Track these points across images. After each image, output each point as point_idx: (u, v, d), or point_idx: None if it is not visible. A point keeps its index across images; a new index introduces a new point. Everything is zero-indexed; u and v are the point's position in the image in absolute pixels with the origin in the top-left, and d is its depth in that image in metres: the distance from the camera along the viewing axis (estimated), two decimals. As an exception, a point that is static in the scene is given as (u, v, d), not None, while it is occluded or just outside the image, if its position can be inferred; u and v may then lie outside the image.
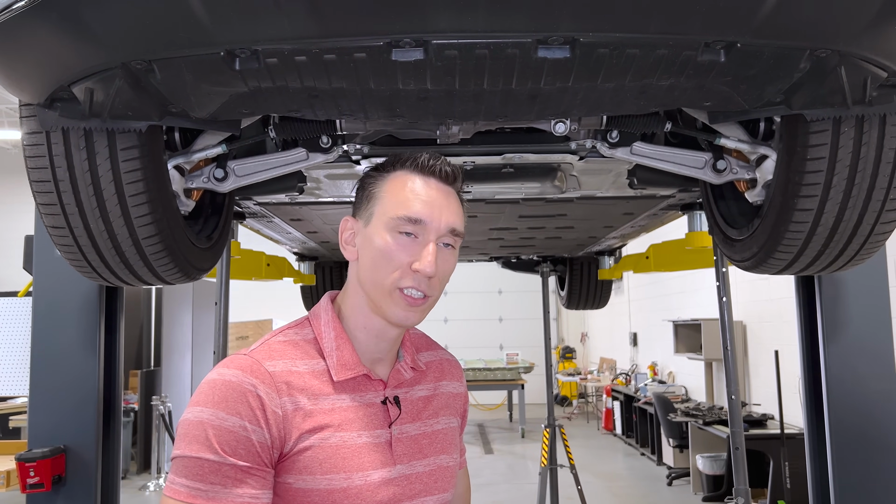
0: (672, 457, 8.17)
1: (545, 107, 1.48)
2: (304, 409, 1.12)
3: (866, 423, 2.84)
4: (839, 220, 1.72)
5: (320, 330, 1.21)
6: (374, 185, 1.23)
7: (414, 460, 1.21)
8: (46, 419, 2.92)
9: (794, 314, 3.06)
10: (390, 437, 1.19)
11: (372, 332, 1.22)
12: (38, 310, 2.99)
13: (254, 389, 1.08)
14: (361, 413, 1.17)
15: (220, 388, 1.07)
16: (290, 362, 1.15)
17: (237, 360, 1.12)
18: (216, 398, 1.06)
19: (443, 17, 1.15)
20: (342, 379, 1.17)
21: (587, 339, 15.30)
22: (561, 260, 5.69)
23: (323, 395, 1.15)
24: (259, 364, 1.12)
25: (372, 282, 1.19)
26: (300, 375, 1.14)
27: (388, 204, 1.20)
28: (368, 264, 1.19)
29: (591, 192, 2.56)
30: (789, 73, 1.35)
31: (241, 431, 1.05)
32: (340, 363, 1.18)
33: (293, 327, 1.22)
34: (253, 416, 1.06)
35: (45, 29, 1.24)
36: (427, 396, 1.30)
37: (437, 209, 1.19)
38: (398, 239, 1.17)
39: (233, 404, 1.06)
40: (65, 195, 1.61)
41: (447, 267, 1.22)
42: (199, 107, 1.43)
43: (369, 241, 1.20)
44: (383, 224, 1.19)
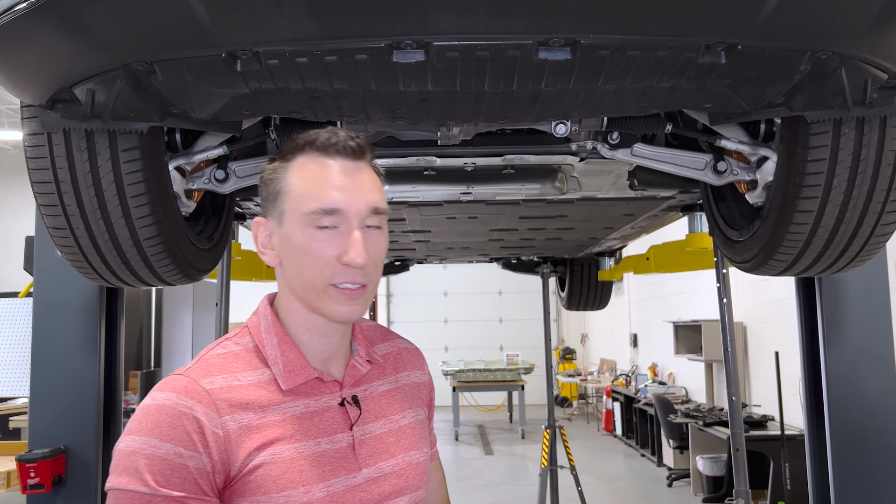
0: (672, 458, 8.16)
1: (546, 108, 1.49)
2: (249, 426, 1.03)
3: (867, 425, 2.84)
4: (839, 221, 1.72)
5: (261, 337, 1.12)
6: (278, 179, 1.10)
7: (381, 461, 1.13)
8: (47, 420, 2.93)
9: (795, 315, 3.06)
10: (353, 441, 1.11)
11: (316, 332, 1.12)
12: (38, 311, 2.99)
13: (189, 412, 0.99)
14: (317, 419, 1.09)
15: (154, 413, 0.99)
16: (230, 376, 1.06)
17: (171, 382, 1.03)
18: (149, 425, 0.98)
19: (444, 19, 1.15)
20: (292, 386, 1.08)
21: (587, 340, 15.30)
22: (561, 261, 5.69)
23: (272, 406, 1.06)
24: (195, 383, 1.03)
25: (302, 284, 1.09)
26: (243, 389, 1.05)
27: (298, 198, 1.07)
28: (293, 267, 1.09)
29: (591, 193, 2.56)
30: (790, 74, 1.35)
31: (175, 459, 0.97)
32: (287, 369, 1.09)
33: (231, 338, 1.13)
34: (189, 440, 0.98)
35: (47, 30, 1.24)
36: (389, 391, 1.21)
37: (353, 191, 1.07)
38: (318, 234, 1.06)
39: (166, 430, 0.98)
40: (66, 196, 1.61)
41: (378, 249, 1.11)
42: (200, 108, 1.44)
43: (288, 243, 1.09)
44: (298, 221, 1.07)
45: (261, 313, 1.15)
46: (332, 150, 1.08)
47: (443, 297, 15.87)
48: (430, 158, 2.12)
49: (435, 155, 2.11)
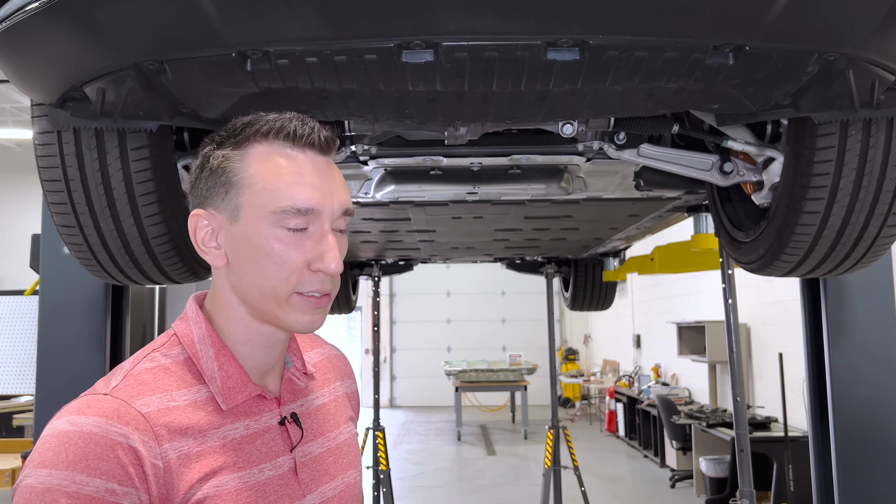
0: (675, 459, 8.16)
1: (553, 108, 1.49)
2: (189, 454, 0.89)
3: (871, 427, 2.84)
4: (846, 222, 1.72)
5: (195, 349, 0.97)
6: (231, 169, 0.95)
7: (322, 485, 1.02)
8: (52, 418, 2.93)
9: (799, 317, 3.06)
10: (294, 464, 0.99)
11: (258, 344, 0.99)
12: (44, 308, 3.01)
13: (124, 440, 0.84)
14: (258, 442, 0.96)
15: (77, 442, 0.83)
16: (165, 396, 0.91)
17: (97, 404, 0.87)
18: (71, 457, 0.82)
19: (453, 20, 1.16)
20: (232, 405, 0.95)
21: (590, 340, 15.30)
22: (565, 261, 5.69)
23: (211, 429, 0.92)
24: (128, 405, 0.87)
25: (259, 291, 0.95)
26: (180, 411, 0.91)
27: (264, 193, 0.93)
28: (249, 270, 0.95)
29: (597, 193, 2.56)
30: (797, 76, 1.36)
31: (107, 497, 0.81)
32: (226, 386, 0.95)
33: (159, 348, 0.97)
34: (124, 474, 0.83)
35: (58, 30, 1.25)
36: (324, 404, 1.10)
37: (327, 190, 0.95)
38: (285, 236, 0.94)
39: (95, 463, 0.82)
40: (75, 194, 1.62)
41: (343, 253, 0.99)
42: (209, 107, 1.45)
43: (244, 243, 0.95)
44: (261, 219, 0.94)
45: (192, 320, 0.99)
46: (303, 142, 0.96)
47: (446, 297, 15.88)
48: (437, 158, 2.13)
49: (442, 155, 2.11)
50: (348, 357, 1.27)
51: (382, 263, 5.34)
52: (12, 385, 3.65)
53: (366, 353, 15.12)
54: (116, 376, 0.93)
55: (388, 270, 5.49)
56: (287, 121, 0.96)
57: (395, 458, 9.49)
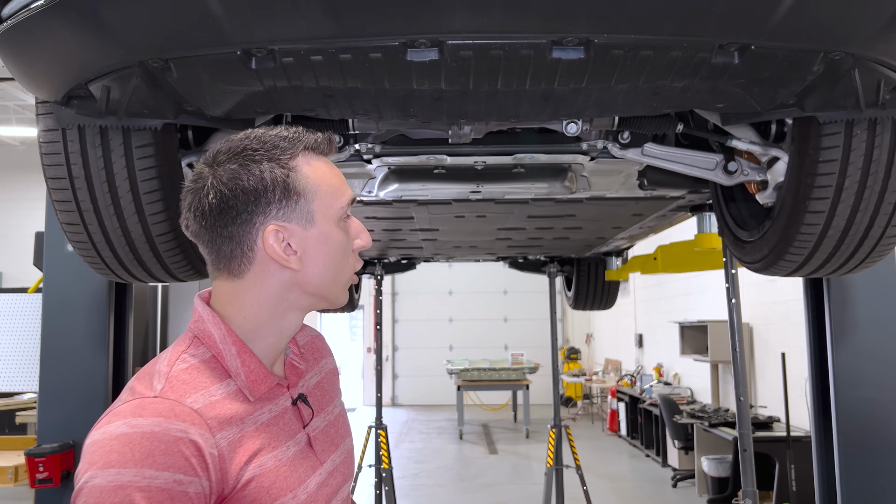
0: (677, 458, 8.15)
1: (558, 107, 1.49)
2: (234, 441, 1.00)
3: (874, 427, 2.83)
4: (850, 222, 1.72)
5: (218, 348, 1.06)
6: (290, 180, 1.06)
7: (331, 453, 1.16)
8: (56, 415, 2.94)
9: (802, 316, 3.05)
10: (308, 439, 1.13)
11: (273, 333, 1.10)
12: (47, 306, 3.01)
13: (185, 436, 0.93)
14: (281, 423, 1.08)
15: (141, 441, 0.91)
16: (205, 392, 1.01)
17: (151, 406, 0.95)
18: (138, 455, 0.90)
19: (458, 18, 1.16)
20: (258, 395, 1.06)
21: (592, 340, 15.29)
22: (568, 260, 5.68)
23: (247, 416, 1.03)
24: (180, 404, 0.97)
25: (334, 280, 1.10)
26: (220, 404, 1.01)
27: (327, 196, 1.08)
28: (328, 264, 1.09)
29: (600, 192, 2.56)
30: (803, 75, 1.35)
31: (176, 487, 0.90)
32: (251, 380, 1.06)
33: (186, 350, 1.06)
34: (189, 466, 0.92)
35: (64, 28, 1.25)
36: (318, 382, 1.23)
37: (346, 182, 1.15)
38: (344, 227, 1.11)
39: (161, 458, 0.90)
40: (80, 192, 1.63)
41: None
42: (214, 105, 1.45)
43: (321, 242, 1.08)
44: (332, 218, 1.09)
45: (209, 321, 1.08)
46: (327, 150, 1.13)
47: (448, 295, 15.88)
48: (441, 157, 2.13)
49: (445, 153, 2.11)
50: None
51: (385, 262, 5.34)
52: (15, 382, 3.66)
53: (368, 352, 15.13)
54: (158, 379, 1.00)
55: (390, 269, 5.49)
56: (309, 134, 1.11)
57: (397, 457, 9.49)
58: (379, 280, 5.44)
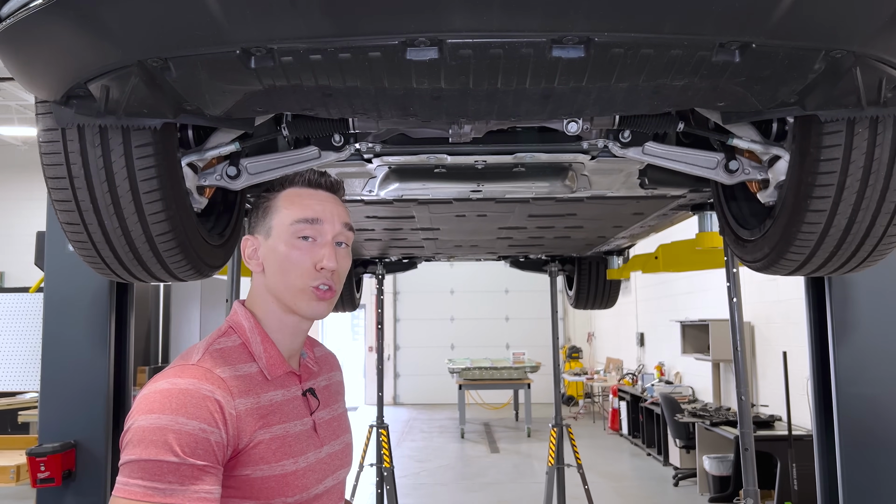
0: (678, 457, 8.15)
1: (558, 106, 1.49)
2: (251, 409, 1.24)
3: (875, 426, 2.83)
4: (852, 221, 1.72)
5: (247, 336, 1.34)
6: (269, 202, 1.38)
7: (332, 440, 1.41)
8: (57, 414, 2.95)
9: (803, 315, 3.05)
10: (314, 424, 1.37)
11: (288, 331, 1.36)
12: (49, 306, 3.01)
13: (211, 395, 1.18)
14: (291, 405, 1.34)
15: (177, 396, 1.16)
16: (232, 368, 1.27)
17: (189, 370, 1.22)
18: (174, 405, 1.14)
19: (458, 17, 1.15)
20: (274, 377, 1.32)
21: (594, 338, 15.28)
22: (569, 259, 5.68)
23: (263, 392, 1.29)
24: (211, 372, 1.23)
25: (284, 286, 1.33)
26: (243, 378, 1.27)
27: (286, 213, 1.34)
28: (277, 271, 1.34)
29: (601, 191, 2.55)
30: (804, 73, 1.35)
31: (200, 434, 1.14)
32: (270, 363, 1.32)
33: (221, 337, 1.33)
34: (212, 418, 1.16)
35: (62, 27, 1.25)
36: (326, 386, 1.48)
37: (329, 211, 1.36)
38: (300, 244, 1.33)
39: (192, 409, 1.15)
40: (79, 192, 1.62)
41: (345, 263, 1.38)
42: (213, 105, 1.44)
43: (273, 252, 1.34)
44: (285, 232, 1.33)
45: (242, 316, 1.36)
46: (315, 184, 1.38)
47: (449, 294, 15.88)
48: (441, 156, 2.12)
49: (446, 152, 2.11)
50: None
51: (386, 261, 5.34)
52: (17, 382, 3.66)
53: (369, 351, 15.13)
54: (197, 353, 1.27)
55: (392, 268, 5.49)
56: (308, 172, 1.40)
57: (398, 456, 9.49)
58: (380, 279, 5.44)
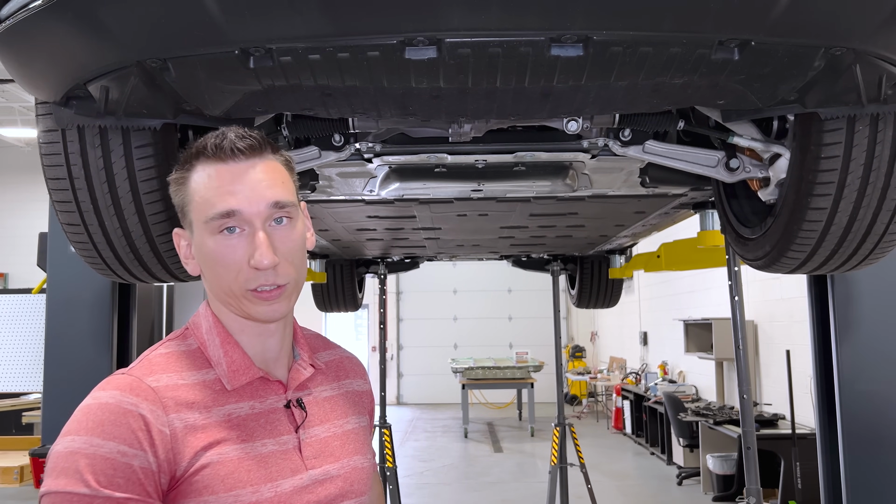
0: (682, 456, 8.14)
1: (558, 105, 1.48)
2: (195, 425, 1.01)
3: (879, 424, 2.82)
4: (853, 219, 1.71)
5: (203, 339, 1.10)
6: (181, 190, 1.09)
7: (327, 464, 1.12)
8: (60, 415, 2.95)
9: (806, 314, 3.04)
10: (298, 442, 1.10)
11: (252, 333, 1.11)
12: (51, 307, 3.02)
13: (134, 409, 0.96)
14: (263, 420, 1.08)
15: (95, 412, 0.96)
16: (175, 375, 1.04)
17: (114, 380, 1.01)
18: (90, 424, 0.94)
19: (456, 16, 1.15)
20: (236, 385, 1.07)
21: (597, 338, 15.27)
22: (571, 258, 5.67)
23: (216, 406, 1.04)
24: (140, 381, 1.01)
25: (221, 290, 1.08)
26: (189, 388, 1.04)
27: (199, 207, 1.06)
28: (209, 274, 1.09)
29: (602, 190, 2.55)
30: (804, 71, 1.34)
31: (119, 458, 0.93)
32: (231, 369, 1.08)
33: (174, 339, 1.11)
34: (134, 438, 0.94)
35: (61, 28, 1.25)
36: (332, 396, 1.21)
37: (247, 192, 1.05)
38: (223, 240, 1.05)
39: (109, 428, 0.94)
40: (80, 192, 1.63)
41: (289, 244, 1.08)
42: (212, 105, 1.44)
43: (199, 251, 1.09)
44: (203, 230, 1.06)
45: (201, 315, 1.13)
46: (223, 154, 1.06)
47: (452, 294, 15.87)
48: (442, 155, 2.12)
49: (446, 152, 2.11)
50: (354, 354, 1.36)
51: (388, 261, 5.34)
52: (20, 383, 3.67)
53: (373, 351, 15.14)
54: (136, 361, 1.07)
55: (394, 268, 5.49)
56: (207, 139, 1.08)
57: (402, 455, 9.50)
58: (382, 279, 5.45)
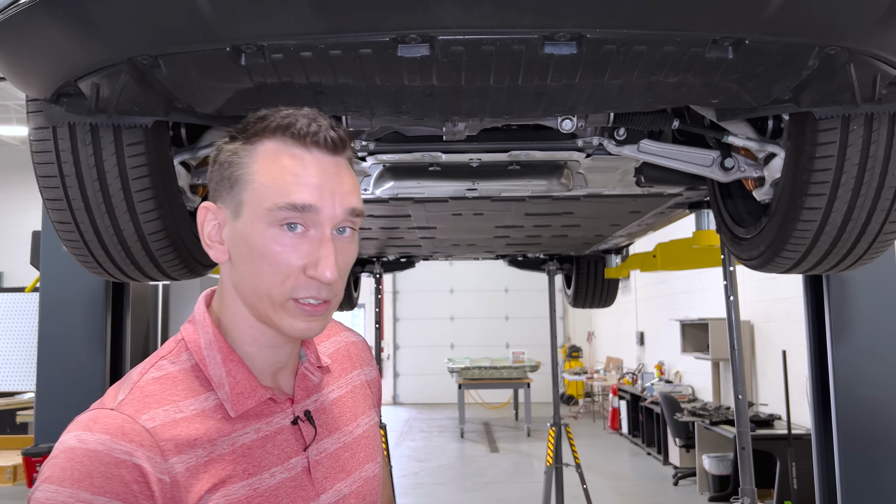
0: (678, 456, 8.14)
1: (551, 103, 1.48)
2: (198, 465, 0.88)
3: (874, 424, 2.82)
4: (847, 218, 1.71)
5: (201, 354, 0.94)
6: (238, 163, 0.93)
7: (338, 482, 1.00)
8: (53, 414, 2.94)
9: (803, 314, 3.04)
10: (308, 463, 0.98)
11: (264, 343, 0.97)
12: (45, 305, 3.01)
13: (129, 458, 0.83)
14: (270, 445, 0.94)
15: (82, 460, 0.82)
16: (171, 408, 0.89)
17: (103, 420, 0.86)
18: (76, 475, 0.81)
19: (449, 13, 1.15)
20: (241, 411, 0.93)
21: (594, 338, 15.28)
22: (567, 258, 5.67)
23: (220, 437, 0.91)
24: (133, 421, 0.86)
25: (255, 292, 0.93)
26: (187, 422, 0.89)
27: (263, 190, 0.90)
28: (247, 269, 0.93)
29: (597, 190, 2.55)
30: (798, 70, 1.34)
31: None
32: (235, 392, 0.93)
33: (166, 356, 0.95)
34: (128, 492, 0.82)
35: (51, 24, 1.24)
36: (340, 397, 1.08)
37: (329, 192, 0.91)
38: (283, 237, 0.91)
39: (99, 481, 0.81)
40: (71, 190, 1.62)
41: (347, 259, 0.96)
42: (204, 102, 1.43)
43: (243, 240, 0.92)
44: (260, 217, 0.91)
45: (198, 323, 0.97)
46: (310, 141, 0.92)
47: (449, 294, 15.87)
48: (436, 154, 2.11)
49: (440, 151, 2.10)
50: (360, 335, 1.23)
51: (384, 260, 5.33)
52: (14, 382, 3.66)
53: (369, 351, 15.13)
54: (124, 388, 0.91)
55: (389, 268, 5.48)
56: (297, 118, 0.93)
57: (398, 455, 9.49)
58: (378, 278, 5.43)
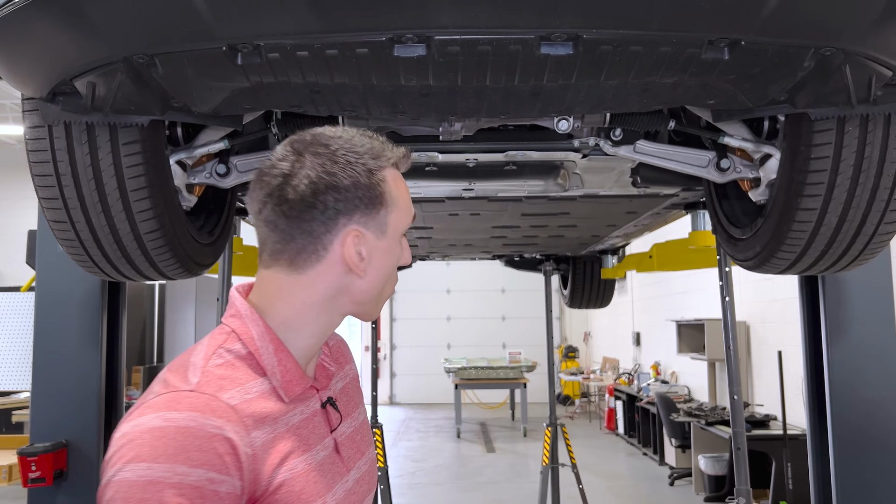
0: (674, 457, 8.15)
1: (548, 104, 1.48)
2: (268, 441, 0.96)
3: (869, 425, 2.83)
4: (843, 219, 1.71)
5: (255, 345, 1.02)
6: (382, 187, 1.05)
7: (357, 461, 1.13)
8: (48, 414, 2.93)
9: (798, 315, 3.05)
10: (335, 444, 1.09)
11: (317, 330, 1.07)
12: (40, 305, 3.00)
13: (220, 432, 0.90)
14: (311, 426, 1.05)
15: (175, 436, 0.87)
16: (241, 389, 0.97)
17: (187, 400, 0.92)
18: (171, 450, 0.86)
19: (445, 13, 1.15)
20: (293, 396, 1.03)
21: (590, 338, 15.29)
22: (564, 258, 5.68)
23: (280, 416, 1.00)
24: (217, 399, 0.93)
25: (380, 293, 1.09)
26: (256, 402, 0.97)
27: (402, 213, 1.08)
28: (382, 275, 1.07)
29: (593, 190, 2.55)
30: (793, 71, 1.34)
31: (207, 486, 0.87)
32: (286, 380, 1.02)
33: (221, 345, 1.02)
34: (222, 464, 0.88)
35: (47, 23, 1.24)
36: (344, 387, 1.20)
37: None
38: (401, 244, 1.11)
39: (195, 454, 0.87)
40: (67, 189, 1.61)
41: None
42: (200, 101, 1.43)
43: (386, 254, 1.07)
44: (399, 234, 1.08)
45: (247, 317, 1.04)
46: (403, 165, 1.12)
47: (445, 294, 15.87)
48: (432, 154, 2.11)
49: (437, 150, 2.10)
50: None
51: (381, 260, 5.32)
52: (9, 381, 3.65)
53: (365, 350, 15.11)
54: (193, 372, 0.96)
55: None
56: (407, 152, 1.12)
57: (394, 456, 9.49)
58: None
